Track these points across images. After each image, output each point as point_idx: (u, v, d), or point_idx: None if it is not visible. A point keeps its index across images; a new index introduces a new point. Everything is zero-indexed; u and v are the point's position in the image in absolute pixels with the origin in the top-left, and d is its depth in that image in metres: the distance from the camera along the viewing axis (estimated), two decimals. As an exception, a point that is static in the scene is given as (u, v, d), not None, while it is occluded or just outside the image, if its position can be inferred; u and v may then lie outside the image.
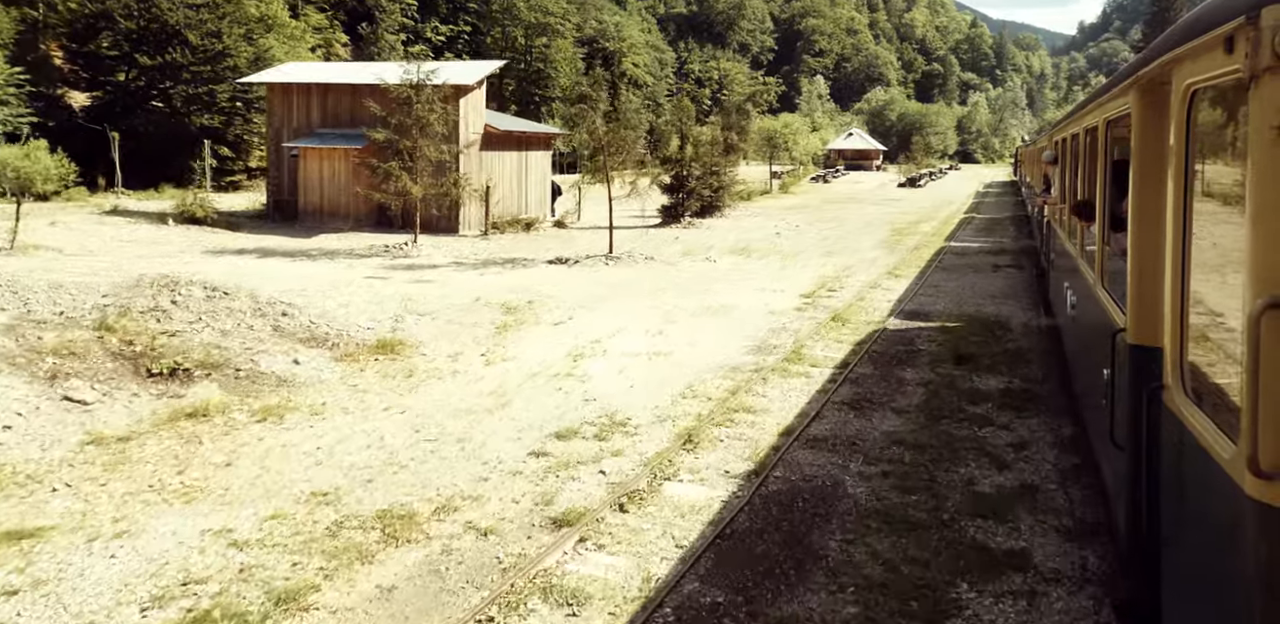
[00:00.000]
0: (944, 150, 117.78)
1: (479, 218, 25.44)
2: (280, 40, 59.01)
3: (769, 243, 25.37)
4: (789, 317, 13.99)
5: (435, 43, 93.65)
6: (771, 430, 8.16)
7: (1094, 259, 5.91)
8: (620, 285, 17.02)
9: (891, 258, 22.02)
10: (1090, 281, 6.07)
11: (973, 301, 15.54)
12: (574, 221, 30.42)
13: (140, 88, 51.63)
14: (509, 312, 13.83)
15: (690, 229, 29.17)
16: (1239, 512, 2.31)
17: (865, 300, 15.60)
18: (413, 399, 8.85)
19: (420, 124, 20.65)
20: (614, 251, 21.05)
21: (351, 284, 16.05)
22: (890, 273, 19.17)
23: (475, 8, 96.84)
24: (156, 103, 51.08)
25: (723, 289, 16.73)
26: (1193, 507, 2.98)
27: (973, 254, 22.88)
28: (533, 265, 19.84)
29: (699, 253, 22.66)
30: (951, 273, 19.26)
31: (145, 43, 50.80)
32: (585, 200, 39.01)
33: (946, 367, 10.73)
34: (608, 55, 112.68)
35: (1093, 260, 6.01)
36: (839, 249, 23.97)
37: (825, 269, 19.87)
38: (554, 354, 11.08)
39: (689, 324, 13.30)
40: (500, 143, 26.81)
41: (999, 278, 18.54)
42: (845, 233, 28.62)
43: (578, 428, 8.01)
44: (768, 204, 43.18)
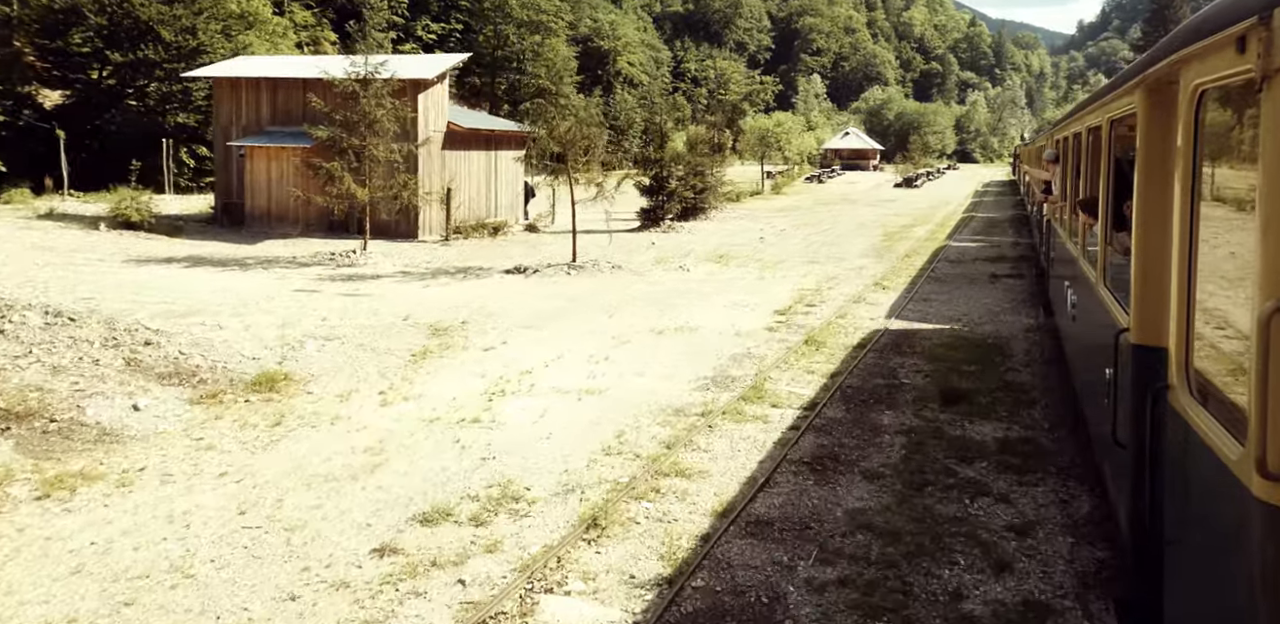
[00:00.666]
0: (942, 150, 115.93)
1: (441, 222, 23.63)
2: (261, 37, 57.16)
3: (750, 249, 23.56)
4: (757, 339, 12.18)
5: (426, 41, 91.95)
6: (705, 506, 6.37)
7: (1095, 259, 5.87)
8: (576, 300, 15.23)
9: (880, 266, 20.21)
10: (1092, 281, 6.02)
11: (967, 320, 13.74)
12: (547, 225, 28.61)
13: (112, 86, 49.84)
14: (436, 334, 12.03)
15: (670, 233, 27.37)
16: (1245, 513, 2.27)
17: (846, 318, 13.79)
18: (264, 459, 7.05)
19: (368, 121, 18.83)
20: (579, 260, 19.26)
21: (273, 299, 14.27)
22: (877, 284, 17.37)
23: (467, 5, 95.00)
24: (131, 101, 49.31)
25: (689, 304, 14.93)
26: (1197, 507, 2.94)
27: (969, 261, 21.08)
28: (487, 275, 18.04)
29: (673, 260, 20.86)
30: (944, 284, 17.45)
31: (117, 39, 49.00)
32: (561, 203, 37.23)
33: (933, 408, 8.93)
34: (602, 54, 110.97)
35: (1094, 260, 5.96)
36: (825, 256, 22.16)
37: (807, 280, 18.07)
38: (469, 391, 9.28)
39: (641, 349, 11.50)
40: (466, 142, 25.00)
41: (997, 290, 16.73)
42: (834, 237, 26.80)
43: (455, 505, 6.21)
44: (757, 206, 41.37)
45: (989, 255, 22.23)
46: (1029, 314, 14.23)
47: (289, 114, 23.31)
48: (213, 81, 25.30)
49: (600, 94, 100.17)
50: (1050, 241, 12.47)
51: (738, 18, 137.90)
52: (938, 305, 15.01)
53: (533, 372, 10.20)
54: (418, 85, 22.83)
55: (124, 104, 49.20)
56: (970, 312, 14.37)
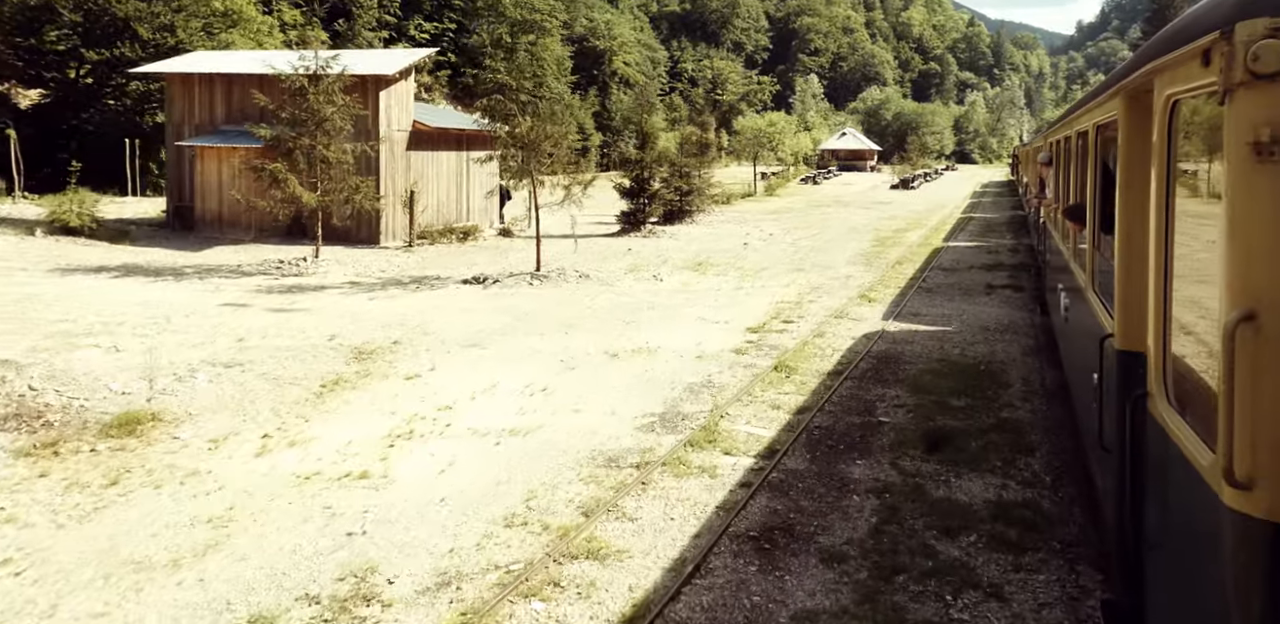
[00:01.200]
0: (940, 150, 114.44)
1: (405, 227, 22.20)
2: (246, 35, 55.76)
3: (733, 255, 22.14)
4: (722, 364, 10.77)
5: (419, 40, 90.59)
6: (613, 608, 4.95)
7: (1085, 262, 5.88)
8: (531, 315, 13.80)
9: (868, 275, 18.79)
10: (1082, 285, 6.04)
11: (959, 339, 12.32)
12: (523, 230, 27.17)
13: (89, 85, 48.51)
14: (359, 358, 10.61)
15: (651, 238, 25.94)
16: (1218, 520, 2.29)
17: (825, 337, 12.37)
18: (71, 537, 5.64)
19: (317, 119, 17.41)
20: (544, 268, 17.84)
21: (194, 315, 12.86)
22: (863, 296, 15.94)
23: (461, 4, 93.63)
24: (110, 100, 47.97)
25: (655, 320, 13.52)
26: (1174, 513, 2.95)
27: (963, 269, 19.65)
28: (442, 286, 16.62)
29: (648, 268, 19.44)
30: (936, 296, 16.02)
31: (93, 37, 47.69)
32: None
33: (913, 455, 7.51)
34: (598, 54, 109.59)
35: (1084, 263, 5.96)
36: (811, 263, 20.73)
37: (788, 291, 16.65)
38: (370, 434, 7.86)
39: (588, 376, 10.09)
40: (434, 142, 23.57)
41: (993, 303, 15.30)
42: (823, 242, 25.37)
43: (282, 613, 4.79)
44: (748, 208, 39.93)
45: (985, 263, 20.79)
46: (1027, 332, 12.81)
47: (244, 112, 21.88)
48: (165, 78, 23.80)
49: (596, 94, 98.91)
50: (1045, 243, 12.40)
51: (735, 18, 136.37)
52: (927, 322, 13.58)
53: (454, 406, 8.78)
54: (379, 81, 21.40)
55: (102, 103, 47.86)
56: (962, 330, 12.94)
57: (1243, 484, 2.14)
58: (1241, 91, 2.15)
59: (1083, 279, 6.01)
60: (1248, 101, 2.16)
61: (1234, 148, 2.20)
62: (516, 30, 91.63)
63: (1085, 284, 5.81)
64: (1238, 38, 2.13)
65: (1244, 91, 2.15)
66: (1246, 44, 2.11)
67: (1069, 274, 7.31)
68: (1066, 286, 7.50)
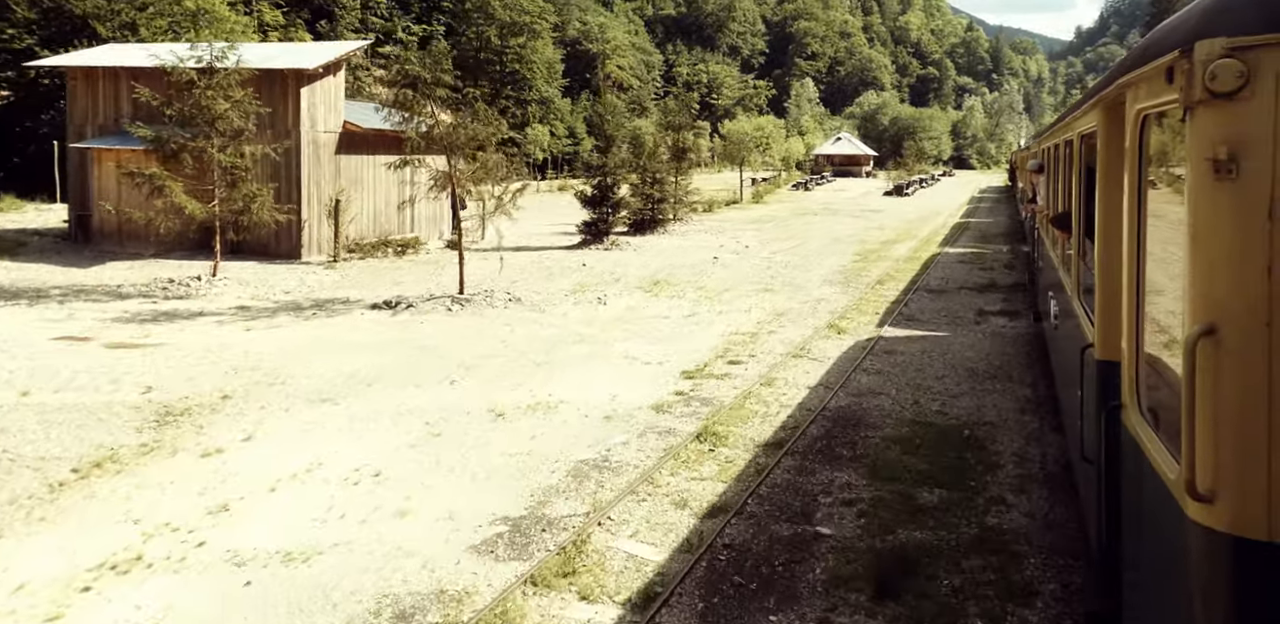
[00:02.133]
0: (938, 156, 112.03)
1: (333, 240, 19.77)
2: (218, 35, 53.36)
3: (697, 272, 19.69)
4: (632, 429, 8.32)
5: (407, 43, 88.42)
6: None
7: (1071, 271, 5.84)
8: (426, 353, 11.37)
9: (844, 297, 16.33)
10: (1069, 293, 5.97)
11: (938, 388, 9.88)
12: (476, 242, 24.76)
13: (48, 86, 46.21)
14: (162, 422, 8.17)
15: (613, 250, 23.50)
16: (1183, 532, 2.29)
17: (774, 386, 9.92)
18: None
19: (207, 117, 15.01)
20: (472, 290, 15.41)
21: (3, 354, 10.43)
22: (833, 325, 13.48)
23: (450, 7, 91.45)
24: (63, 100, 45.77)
25: (574, 361, 11.08)
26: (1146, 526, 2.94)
27: (952, 291, 17.19)
28: (343, 312, 14.18)
29: (596, 288, 17.00)
30: (918, 326, 13.57)
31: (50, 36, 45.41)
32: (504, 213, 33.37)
33: (856, 605, 5.06)
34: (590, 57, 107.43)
35: (1070, 271, 5.94)
36: (782, 282, 18.29)
37: (748, 318, 14.21)
38: (72, 565, 5.41)
39: (449, 451, 7.65)
40: (370, 145, 21.14)
41: (984, 336, 12.85)
42: (800, 256, 22.91)
43: None
44: (730, 216, 37.50)
45: (977, 282, 18.33)
46: (1024, 377, 10.37)
47: (153, 111, 19.48)
48: (68, 73, 21.37)
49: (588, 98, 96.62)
50: (1038, 249, 12.16)
51: (731, 21, 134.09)
52: (903, 362, 11.14)
53: (238, 506, 6.34)
54: (299, 77, 18.99)
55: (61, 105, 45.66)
56: (945, 376, 10.48)
57: (1205, 497, 2.13)
58: (1200, 109, 2.16)
59: (1069, 287, 5.97)
60: (1206, 119, 2.16)
61: (1195, 164, 2.19)
62: (505, 32, 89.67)
63: (1071, 292, 5.77)
64: (1197, 56, 2.13)
65: (1203, 109, 2.16)
66: (1205, 63, 2.11)
67: (1057, 282, 7.24)
68: (1056, 295, 7.41)
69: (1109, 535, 3.55)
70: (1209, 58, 2.09)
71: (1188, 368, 2.14)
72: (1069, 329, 5.81)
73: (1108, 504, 3.55)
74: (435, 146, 14.63)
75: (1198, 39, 2.12)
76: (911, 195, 53.07)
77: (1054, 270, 7.87)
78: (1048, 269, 9.35)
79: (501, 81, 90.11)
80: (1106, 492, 3.55)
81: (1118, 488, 3.44)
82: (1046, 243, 9.65)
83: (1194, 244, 2.20)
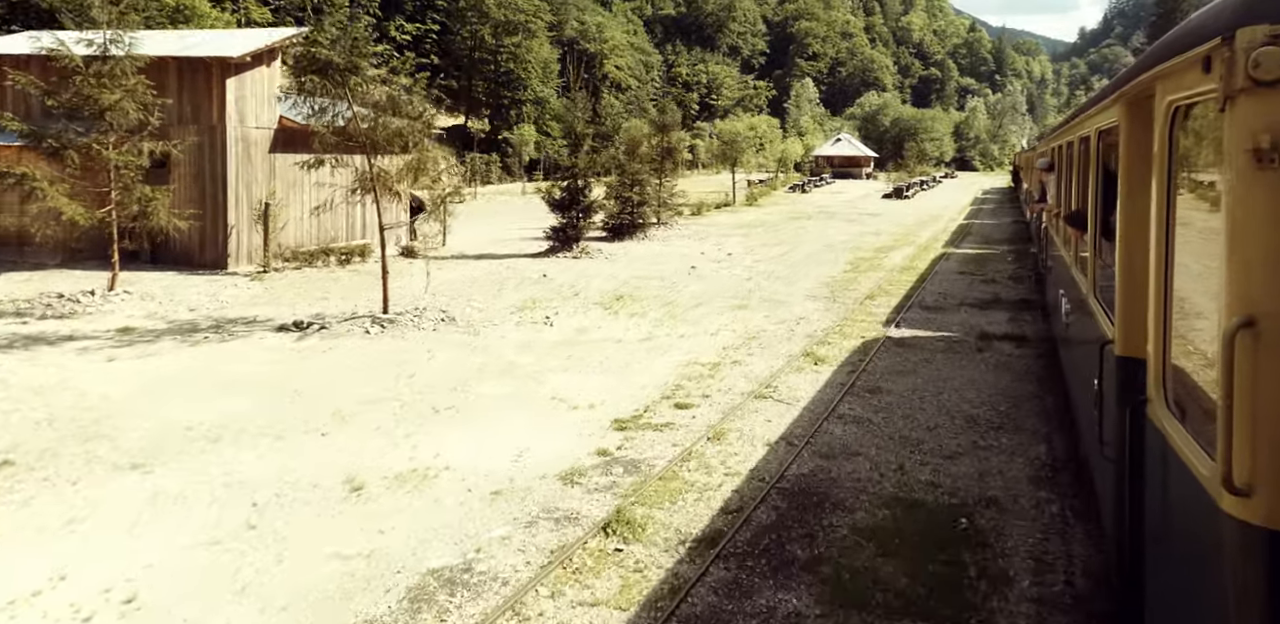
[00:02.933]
0: (940, 157, 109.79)
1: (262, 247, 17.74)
2: (198, 32, 51.38)
3: (669, 284, 17.63)
4: (523, 514, 6.26)
5: (401, 42, 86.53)
6: None
7: (1086, 268, 5.81)
8: (303, 394, 9.32)
9: (828, 316, 14.26)
10: (1083, 291, 5.96)
11: (930, 445, 7.80)
12: (435, 248, 22.72)
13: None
14: (-105, 504, 6.12)
15: (582, 259, 21.44)
16: (1217, 528, 2.25)
17: (724, 442, 7.86)
18: None
19: (95, 109, 13.00)
20: (405, 307, 13.38)
21: None
22: (809, 354, 11.41)
23: (444, 5, 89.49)
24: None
25: (484, 405, 9.03)
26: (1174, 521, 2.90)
27: (951, 308, 15.10)
28: (243, 335, 12.14)
29: (548, 304, 14.95)
30: (909, 355, 11.48)
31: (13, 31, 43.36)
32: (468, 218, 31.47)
33: None
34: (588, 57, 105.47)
35: (1085, 269, 5.89)
36: (761, 297, 16.22)
37: (713, 343, 12.15)
38: None
39: (254, 556, 5.59)
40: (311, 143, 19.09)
41: (987, 368, 10.77)
42: (787, 265, 20.84)
43: None
44: (719, 220, 35.41)
45: (979, 297, 16.24)
46: (1038, 428, 8.30)
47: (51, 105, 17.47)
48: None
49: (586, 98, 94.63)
50: (1046, 249, 11.94)
51: (731, 21, 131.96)
52: (889, 404, 9.07)
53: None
54: (225, 66, 16.95)
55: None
56: (939, 426, 8.41)
57: (1242, 491, 2.11)
58: (1242, 98, 2.12)
59: (1084, 285, 5.91)
60: (1248, 108, 2.12)
61: (1234, 155, 2.16)
62: (500, 31, 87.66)
63: (1086, 290, 5.71)
64: (1238, 44, 2.10)
65: (1244, 98, 2.11)
66: (1247, 50, 2.08)
67: (1070, 280, 7.18)
68: (1067, 292, 7.38)
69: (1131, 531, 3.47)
70: (1251, 45, 2.04)
71: (1225, 361, 2.09)
72: (1083, 326, 5.73)
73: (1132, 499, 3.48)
74: (355, 144, 12.60)
75: (1240, 26, 2.07)
76: (911, 198, 50.91)
77: (1066, 268, 7.73)
78: (1058, 267, 9.14)
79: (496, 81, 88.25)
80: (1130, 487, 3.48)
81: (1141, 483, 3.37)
82: (1057, 241, 9.37)
83: (1233, 236, 2.15)
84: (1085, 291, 5.76)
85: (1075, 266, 6.88)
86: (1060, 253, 8.74)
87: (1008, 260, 22.24)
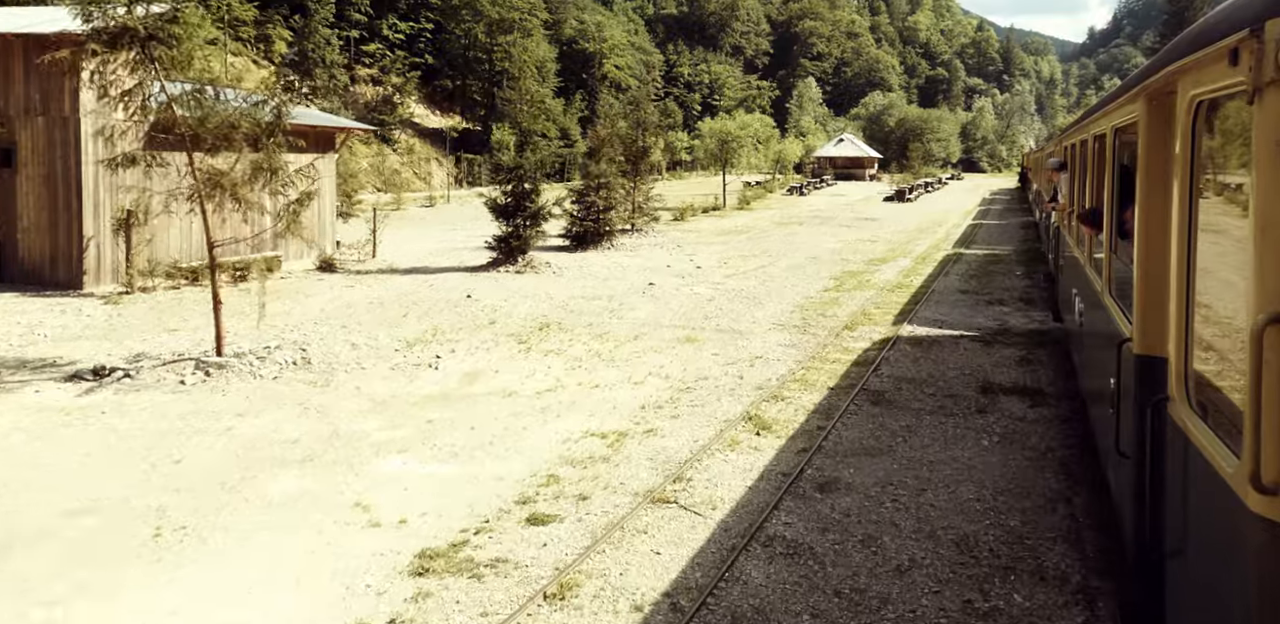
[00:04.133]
0: (946, 158, 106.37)
1: (137, 263, 14.82)
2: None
3: (613, 307, 14.67)
4: None
5: (394, 41, 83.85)
6: None
7: (1101, 267, 5.70)
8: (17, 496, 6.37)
9: (792, 354, 11.25)
10: (1098, 289, 5.86)
11: (900, 606, 4.78)
12: (362, 261, 19.81)
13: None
14: None
15: (526, 274, 18.47)
16: (1241, 525, 2.22)
17: (569, 601, 4.86)
18: None
19: None
20: (232, 349, 10.42)
21: None
22: (753, 417, 8.40)
23: (438, 3, 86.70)
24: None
25: (248, 519, 6.07)
26: (1196, 518, 2.85)
27: (947, 342, 12.07)
28: (14, 389, 9.21)
29: (449, 337, 12.02)
30: (886, 419, 8.44)
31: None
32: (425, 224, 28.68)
33: None
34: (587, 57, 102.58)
35: (1100, 268, 5.79)
36: (716, 326, 13.23)
37: (632, 398, 9.17)
38: None
39: None
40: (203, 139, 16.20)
41: (991, 444, 7.72)
42: (760, 282, 17.82)
43: None
44: (702, 226, 32.41)
45: (983, 326, 13.18)
46: (1069, 570, 5.29)
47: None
48: None
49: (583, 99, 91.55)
50: (1059, 249, 11.52)
51: (734, 21, 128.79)
52: (845, 518, 6.06)
53: None
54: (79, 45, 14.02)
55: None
56: (915, 566, 5.38)
57: (1269, 489, 2.07)
58: (1271, 90, 2.08)
59: (1099, 284, 5.85)
60: (1278, 101, 2.07)
61: (1263, 147, 2.12)
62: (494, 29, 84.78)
63: (1101, 289, 5.63)
64: (1268, 35, 2.06)
65: (1274, 90, 2.07)
66: (1278, 42, 2.04)
67: (1084, 278, 7.00)
68: (1081, 291, 7.21)
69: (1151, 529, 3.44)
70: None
71: (1254, 357, 2.06)
72: (1099, 324, 5.60)
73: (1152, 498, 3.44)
74: (174, 137, 9.69)
75: (1269, 18, 2.06)
76: (914, 201, 47.73)
77: (1080, 267, 7.59)
78: (1071, 266, 8.99)
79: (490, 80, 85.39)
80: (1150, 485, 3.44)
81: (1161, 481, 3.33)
82: (1070, 241, 9.26)
83: (1260, 230, 2.13)
84: (1100, 290, 5.68)
85: (1090, 265, 6.72)
86: (1073, 252, 8.61)
87: (1016, 275, 19.15)
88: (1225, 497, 2.33)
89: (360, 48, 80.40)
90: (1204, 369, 2.86)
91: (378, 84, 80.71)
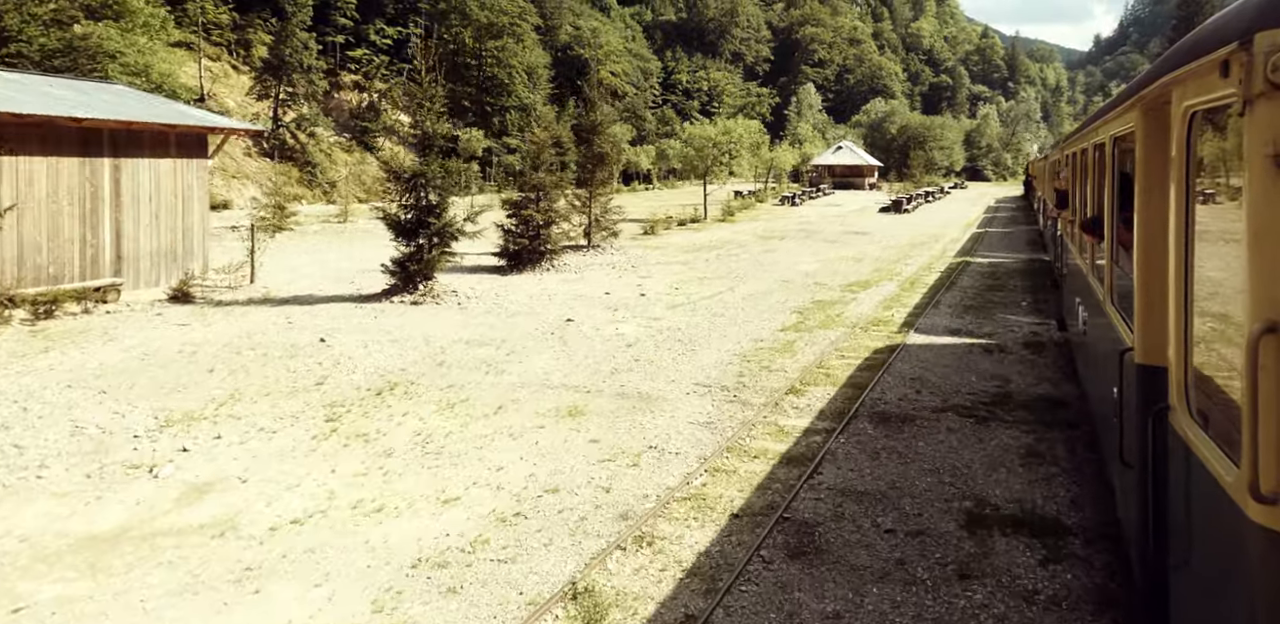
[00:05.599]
0: (950, 166, 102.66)
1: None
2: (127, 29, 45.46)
3: (502, 355, 11.21)
4: None
5: (381, 46, 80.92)
6: None
7: (1103, 275, 5.69)
8: None
9: (700, 444, 7.75)
10: (1100, 298, 5.84)
11: None
12: (237, 285, 16.41)
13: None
14: None
15: (423, 304, 15.04)
16: (1242, 535, 2.19)
17: None
18: None
19: None
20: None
21: None
22: (576, 597, 4.91)
23: (426, 8, 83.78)
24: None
25: None
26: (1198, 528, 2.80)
27: (926, 417, 8.55)
28: None
29: (241, 410, 8.59)
30: (810, 587, 4.92)
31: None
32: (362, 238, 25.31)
33: None
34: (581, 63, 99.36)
35: (1102, 276, 5.77)
36: (619, 389, 9.74)
37: (421, 537, 5.70)
38: None
39: None
40: (40, 142, 12.92)
41: (994, 611, 4.24)
42: (708, 317, 14.32)
43: None
44: (674, 241, 28.96)
45: (977, 390, 9.63)
46: None
47: None
48: None
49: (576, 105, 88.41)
50: (1063, 257, 11.60)
51: (734, 27, 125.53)
52: None
53: None
54: None
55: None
56: None
57: (1268, 498, 2.05)
58: (1261, 102, 2.07)
59: (1100, 292, 5.81)
60: (1267, 112, 2.07)
61: (1254, 159, 2.11)
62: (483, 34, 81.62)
63: (1103, 297, 5.58)
64: (1257, 48, 2.06)
65: (1264, 102, 2.07)
66: (1267, 54, 2.04)
67: (1087, 287, 7.02)
68: (1084, 299, 7.21)
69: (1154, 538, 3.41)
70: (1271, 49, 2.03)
71: (1249, 367, 2.05)
72: (1101, 333, 5.58)
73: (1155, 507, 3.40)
74: None
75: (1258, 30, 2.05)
76: (912, 212, 44.14)
77: (1082, 276, 7.56)
78: (1074, 275, 8.89)
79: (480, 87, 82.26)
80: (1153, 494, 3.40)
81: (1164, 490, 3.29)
82: (1073, 249, 9.10)
83: (1254, 240, 2.12)
84: (1102, 299, 5.61)
85: (1092, 274, 6.63)
86: (1076, 260, 8.51)
87: (1021, 306, 15.59)
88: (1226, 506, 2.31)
89: (346, 53, 77.51)
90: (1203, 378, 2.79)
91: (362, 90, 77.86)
